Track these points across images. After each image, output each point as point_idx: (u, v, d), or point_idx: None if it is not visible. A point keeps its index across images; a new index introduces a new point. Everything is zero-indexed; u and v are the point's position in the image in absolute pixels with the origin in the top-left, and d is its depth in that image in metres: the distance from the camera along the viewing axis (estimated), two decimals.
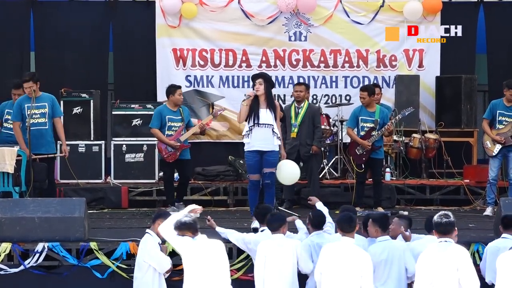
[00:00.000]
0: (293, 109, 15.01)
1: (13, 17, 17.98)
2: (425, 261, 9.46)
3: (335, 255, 9.78)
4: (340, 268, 9.75)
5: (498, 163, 14.46)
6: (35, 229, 11.59)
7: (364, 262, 9.73)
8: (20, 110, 13.63)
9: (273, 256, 10.41)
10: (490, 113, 14.54)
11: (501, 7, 18.06)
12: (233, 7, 17.72)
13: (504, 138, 14.19)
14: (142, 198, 15.84)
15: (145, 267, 10.47)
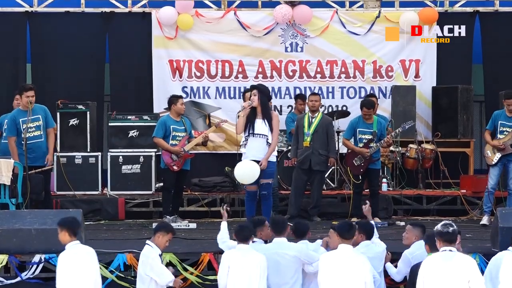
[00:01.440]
0: (306, 119, 14.98)
1: (9, 28, 18.00)
2: (430, 270, 9.38)
3: (336, 263, 9.88)
4: (341, 275, 9.84)
5: (498, 172, 14.48)
6: (32, 240, 11.57)
7: (365, 267, 9.87)
8: (15, 124, 13.67)
9: (236, 266, 10.41)
10: (492, 124, 14.58)
11: (497, 17, 18.10)
12: (229, 18, 17.78)
13: (504, 146, 14.24)
14: (139, 210, 15.87)
15: (147, 280, 10.50)
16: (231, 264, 10.41)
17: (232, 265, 10.39)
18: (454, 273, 9.27)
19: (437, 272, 9.35)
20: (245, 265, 10.33)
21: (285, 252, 10.46)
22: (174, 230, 10.85)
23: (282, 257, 10.44)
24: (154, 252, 10.58)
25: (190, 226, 14.35)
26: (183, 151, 14.38)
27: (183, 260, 11.34)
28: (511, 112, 14.37)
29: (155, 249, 10.59)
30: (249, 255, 10.43)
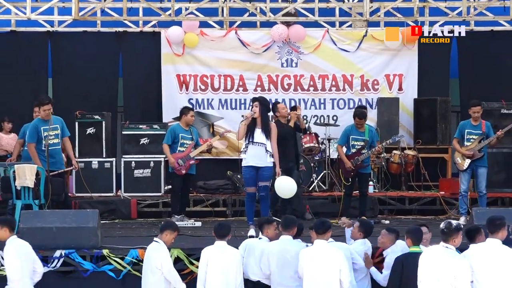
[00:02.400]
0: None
1: (33, 46, 18.07)
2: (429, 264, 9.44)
3: (315, 258, 10.06)
4: (319, 268, 10.02)
5: (468, 177, 14.45)
6: (53, 238, 11.59)
7: (339, 259, 10.04)
8: (36, 132, 13.61)
9: (214, 261, 10.44)
10: (459, 133, 14.57)
11: (472, 36, 18.07)
12: (231, 37, 17.79)
13: (472, 152, 14.22)
14: (150, 210, 15.85)
15: (159, 273, 10.48)
16: (209, 259, 10.45)
17: (210, 260, 10.43)
18: (447, 268, 9.33)
19: (435, 266, 9.39)
20: (222, 260, 10.37)
21: (291, 248, 10.46)
22: (179, 229, 10.89)
23: (288, 252, 10.44)
24: (165, 248, 10.57)
25: (196, 224, 14.33)
26: (178, 165, 14.35)
27: (189, 255, 11.36)
28: (476, 121, 14.37)
29: (162, 245, 10.58)
30: (226, 251, 10.47)
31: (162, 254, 10.54)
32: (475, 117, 14.40)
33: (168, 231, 10.68)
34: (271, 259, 10.46)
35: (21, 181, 13.24)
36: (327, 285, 10.00)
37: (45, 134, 13.56)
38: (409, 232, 10.32)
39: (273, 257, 10.47)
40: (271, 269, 10.46)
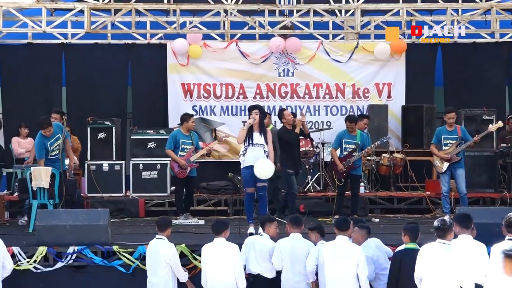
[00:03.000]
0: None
1: (48, 57, 18.09)
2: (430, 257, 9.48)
3: (335, 252, 10.12)
4: (339, 262, 10.07)
5: (447, 178, 14.48)
6: (66, 235, 11.61)
7: (357, 254, 10.09)
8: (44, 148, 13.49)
9: (213, 256, 10.48)
10: (436, 139, 14.60)
11: (456, 47, 18.13)
12: (232, 48, 17.80)
13: (450, 156, 14.26)
14: (156, 209, 15.82)
15: (167, 267, 10.54)
16: (208, 255, 10.50)
17: (209, 256, 10.48)
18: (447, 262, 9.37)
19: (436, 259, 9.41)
20: (220, 255, 10.39)
21: (301, 245, 10.54)
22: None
23: (297, 248, 10.52)
24: (171, 244, 10.65)
25: (199, 222, 14.33)
26: (185, 163, 14.36)
27: (193, 251, 11.37)
28: (451, 126, 14.41)
29: (167, 241, 10.66)
30: (223, 247, 10.49)
31: (172, 250, 10.62)
32: (450, 123, 14.47)
33: (170, 227, 10.81)
34: (283, 256, 10.51)
35: (37, 182, 13.27)
36: (347, 278, 10.01)
37: (51, 148, 13.59)
38: (407, 229, 10.31)
39: (285, 254, 10.52)
40: (283, 265, 10.53)
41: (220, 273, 10.39)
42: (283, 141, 14.39)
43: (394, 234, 12.14)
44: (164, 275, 10.54)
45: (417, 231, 10.28)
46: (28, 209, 13.68)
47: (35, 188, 13.31)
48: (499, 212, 10.93)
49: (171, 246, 10.65)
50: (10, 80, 18.11)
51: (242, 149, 12.88)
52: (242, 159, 12.84)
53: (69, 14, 17.25)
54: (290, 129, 14.49)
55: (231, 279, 10.38)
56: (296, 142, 14.62)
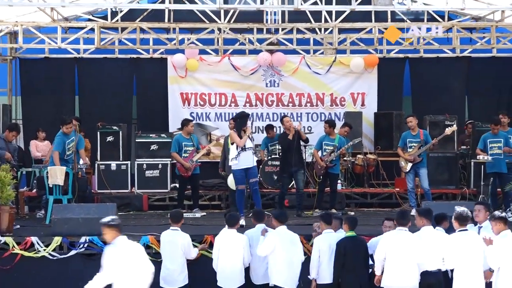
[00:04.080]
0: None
1: (63, 70, 18.10)
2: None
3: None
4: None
5: (412, 177, 14.55)
6: (79, 226, 11.62)
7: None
8: (62, 143, 13.54)
9: (225, 246, 10.51)
10: (402, 142, 14.69)
11: (421, 61, 18.21)
12: (225, 62, 17.80)
13: (413, 157, 14.32)
14: (158, 203, 15.80)
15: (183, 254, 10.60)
16: (221, 244, 10.52)
17: (222, 246, 10.52)
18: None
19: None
20: (232, 245, 10.43)
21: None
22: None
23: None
24: (185, 234, 10.75)
25: (197, 215, 14.30)
26: (190, 165, 14.41)
27: (193, 240, 11.28)
28: (414, 130, 14.55)
29: (182, 232, 10.71)
30: (235, 237, 10.51)
31: (187, 239, 10.73)
32: (410, 126, 14.62)
33: (182, 219, 10.88)
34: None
35: (53, 180, 13.26)
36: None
37: (67, 147, 13.60)
38: (347, 219, 10.48)
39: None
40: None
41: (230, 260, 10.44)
42: (280, 145, 14.55)
43: (367, 225, 12.21)
44: (180, 263, 10.63)
45: (355, 222, 10.40)
46: (45, 203, 13.64)
47: (51, 185, 13.28)
48: (453, 205, 10.98)
49: (186, 236, 10.75)
50: (29, 90, 18.09)
51: (235, 153, 12.89)
52: (235, 162, 12.90)
53: (81, 32, 17.26)
54: (288, 134, 14.30)
55: (239, 265, 10.44)
56: (291, 147, 14.21)
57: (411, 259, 9.67)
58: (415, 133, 14.53)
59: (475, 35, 17.80)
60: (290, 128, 14.15)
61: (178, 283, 10.60)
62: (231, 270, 10.41)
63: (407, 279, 9.66)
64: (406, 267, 9.66)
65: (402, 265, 9.66)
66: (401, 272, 9.65)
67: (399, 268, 9.66)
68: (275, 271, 10.24)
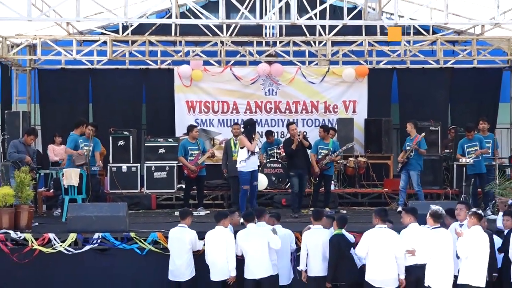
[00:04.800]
0: (232, 142, 14.71)
1: (78, 80, 18.13)
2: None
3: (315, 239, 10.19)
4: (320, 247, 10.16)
5: (403, 177, 14.63)
6: (92, 224, 11.59)
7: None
8: (74, 142, 13.61)
9: (212, 242, 10.48)
10: (405, 146, 14.72)
11: (408, 71, 18.21)
12: (227, 72, 17.80)
13: (402, 159, 14.51)
14: (166, 203, 15.79)
15: (190, 248, 10.59)
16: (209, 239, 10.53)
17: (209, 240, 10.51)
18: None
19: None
20: (217, 240, 10.40)
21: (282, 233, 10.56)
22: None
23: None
24: (192, 231, 10.71)
25: (201, 213, 14.30)
26: (195, 168, 14.42)
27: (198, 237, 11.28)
28: (411, 135, 14.58)
29: (189, 229, 10.69)
30: (221, 233, 10.44)
31: (193, 234, 10.70)
32: (407, 131, 14.68)
33: (190, 216, 10.83)
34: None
35: (68, 181, 13.26)
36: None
37: (80, 146, 13.64)
38: (337, 219, 10.43)
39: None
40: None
41: (216, 254, 10.40)
42: (286, 149, 14.41)
43: (358, 223, 12.23)
44: (187, 258, 10.60)
45: (344, 220, 10.40)
46: (61, 202, 13.64)
47: (66, 186, 13.28)
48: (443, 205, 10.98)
49: (193, 232, 10.72)
50: (47, 98, 18.15)
51: (245, 156, 12.98)
52: (243, 165, 13.00)
53: (95, 45, 17.31)
54: (292, 140, 14.03)
55: (223, 260, 10.37)
56: (298, 152, 13.95)
57: (390, 254, 9.71)
58: (412, 137, 14.58)
59: (458, 47, 17.85)
60: (294, 136, 13.95)
61: (185, 276, 10.59)
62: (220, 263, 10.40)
63: (388, 272, 9.70)
64: (386, 262, 9.70)
65: (383, 259, 9.70)
66: (382, 266, 9.69)
67: (380, 263, 9.70)
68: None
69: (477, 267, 9.35)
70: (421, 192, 14.47)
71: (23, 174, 12.14)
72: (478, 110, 17.59)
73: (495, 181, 13.10)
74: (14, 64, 17.59)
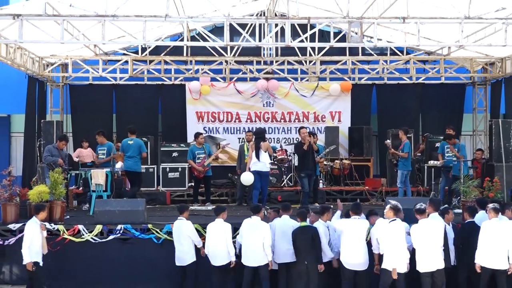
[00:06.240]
0: (245, 146, 14.77)
1: (103, 93, 18.11)
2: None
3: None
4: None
5: (398, 174, 14.63)
6: (116, 217, 11.62)
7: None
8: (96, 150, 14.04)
9: (212, 232, 10.43)
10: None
11: (386, 86, 18.23)
12: (231, 87, 17.83)
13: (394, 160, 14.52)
14: (178, 199, 15.73)
15: (189, 239, 10.57)
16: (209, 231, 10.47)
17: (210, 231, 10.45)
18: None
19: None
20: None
21: (291, 224, 10.34)
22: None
23: (289, 227, 10.24)
24: (190, 223, 10.72)
25: (209, 208, 14.30)
26: (202, 169, 14.44)
27: (203, 228, 11.30)
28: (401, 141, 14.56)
29: (187, 221, 10.68)
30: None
31: (190, 226, 10.67)
32: (400, 138, 14.64)
33: (186, 210, 10.82)
34: (276, 232, 10.29)
35: (95, 180, 13.30)
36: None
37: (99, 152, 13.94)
38: (299, 213, 10.32)
39: (278, 230, 10.27)
40: (275, 238, 10.24)
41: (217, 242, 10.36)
42: (297, 152, 14.23)
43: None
44: (187, 245, 10.59)
45: (305, 214, 10.28)
46: (89, 199, 13.67)
47: (94, 184, 13.31)
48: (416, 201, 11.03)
49: (189, 223, 10.70)
50: (77, 109, 18.13)
51: (270, 160, 13.34)
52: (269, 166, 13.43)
53: (117, 64, 17.33)
54: (303, 143, 13.82)
55: (225, 248, 10.34)
56: (305, 153, 13.72)
57: (361, 240, 9.84)
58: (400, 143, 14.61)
59: (428, 66, 17.87)
60: (305, 139, 13.77)
61: (187, 261, 10.59)
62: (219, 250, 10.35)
63: (358, 257, 9.83)
64: (357, 247, 9.82)
65: (354, 245, 9.82)
66: (354, 251, 9.82)
67: (352, 248, 9.82)
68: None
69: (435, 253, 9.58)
70: (400, 189, 14.42)
71: (56, 175, 12.17)
72: (445, 120, 17.60)
73: (460, 180, 13.10)
74: (49, 80, 17.61)
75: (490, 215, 9.84)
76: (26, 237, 9.97)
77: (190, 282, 10.58)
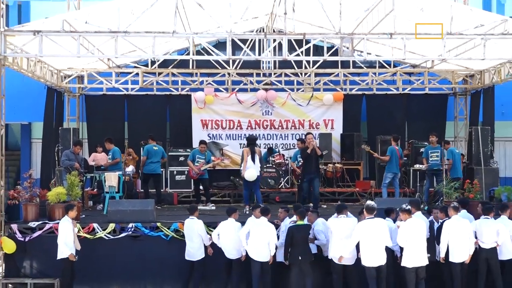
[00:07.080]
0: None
1: (116, 103, 18.03)
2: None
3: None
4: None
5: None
6: (127, 216, 11.64)
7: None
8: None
9: (224, 230, 10.53)
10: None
11: (374, 97, 18.17)
12: (232, 97, 17.77)
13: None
14: (184, 199, 15.76)
15: (200, 237, 10.59)
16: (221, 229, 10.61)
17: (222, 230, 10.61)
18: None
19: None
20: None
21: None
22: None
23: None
24: (200, 221, 10.78)
25: (212, 208, 14.29)
26: (197, 171, 14.40)
27: (209, 226, 11.31)
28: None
29: (197, 220, 10.70)
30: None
31: (201, 224, 10.75)
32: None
33: (196, 210, 10.83)
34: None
35: (108, 182, 13.31)
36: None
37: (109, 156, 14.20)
38: (297, 211, 10.38)
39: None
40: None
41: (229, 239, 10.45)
42: (301, 156, 13.96)
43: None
44: (198, 242, 10.66)
45: (303, 212, 10.35)
46: (103, 199, 13.66)
47: (107, 186, 13.30)
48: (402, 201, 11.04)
49: (200, 222, 10.77)
50: (92, 117, 18.07)
51: (248, 165, 13.18)
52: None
53: (129, 76, 17.35)
54: (307, 148, 13.62)
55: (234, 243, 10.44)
56: (309, 158, 13.46)
57: (347, 236, 9.87)
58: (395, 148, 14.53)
59: (413, 77, 17.89)
60: (309, 144, 13.59)
61: (197, 257, 10.66)
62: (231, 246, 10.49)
63: (345, 252, 9.87)
64: (345, 243, 9.86)
65: (342, 241, 9.89)
66: (343, 246, 9.88)
67: (342, 244, 9.89)
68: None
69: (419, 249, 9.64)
70: (384, 190, 14.38)
71: (73, 177, 12.19)
72: (429, 127, 17.54)
73: (443, 182, 13.10)
74: (66, 91, 17.61)
75: (451, 213, 9.99)
76: (61, 234, 10.21)
77: (198, 276, 10.66)
